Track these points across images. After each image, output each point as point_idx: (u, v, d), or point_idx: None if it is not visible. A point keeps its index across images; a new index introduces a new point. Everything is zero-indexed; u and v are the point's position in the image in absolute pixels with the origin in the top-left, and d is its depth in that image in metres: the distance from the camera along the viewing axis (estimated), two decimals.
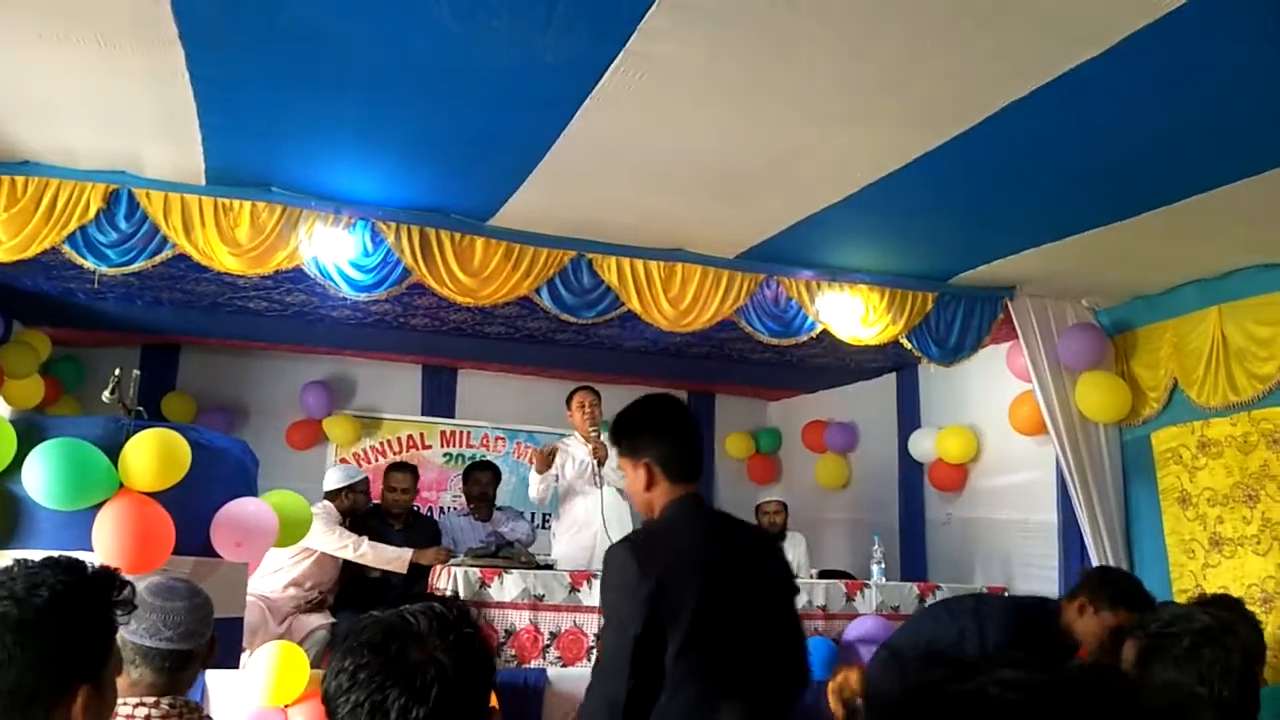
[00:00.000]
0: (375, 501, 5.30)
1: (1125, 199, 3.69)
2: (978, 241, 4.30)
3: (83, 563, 1.35)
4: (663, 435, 2.25)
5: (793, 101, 3.05)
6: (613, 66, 2.81)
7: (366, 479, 5.18)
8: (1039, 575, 5.17)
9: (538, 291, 4.34)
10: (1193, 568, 4.54)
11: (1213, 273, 4.45)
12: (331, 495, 4.90)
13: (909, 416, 6.34)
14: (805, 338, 4.70)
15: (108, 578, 1.36)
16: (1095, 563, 4.76)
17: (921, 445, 6.03)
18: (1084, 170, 3.46)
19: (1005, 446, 5.52)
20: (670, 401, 2.39)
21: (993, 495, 5.65)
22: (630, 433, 2.27)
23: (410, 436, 6.80)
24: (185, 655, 1.98)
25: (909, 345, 4.78)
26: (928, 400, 6.24)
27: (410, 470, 5.43)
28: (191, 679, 2.03)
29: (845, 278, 4.68)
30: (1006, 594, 4.74)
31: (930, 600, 4.63)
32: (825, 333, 4.68)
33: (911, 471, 6.24)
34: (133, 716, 1.86)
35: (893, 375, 6.55)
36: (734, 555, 2.24)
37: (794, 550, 5.68)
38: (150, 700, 1.90)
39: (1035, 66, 2.76)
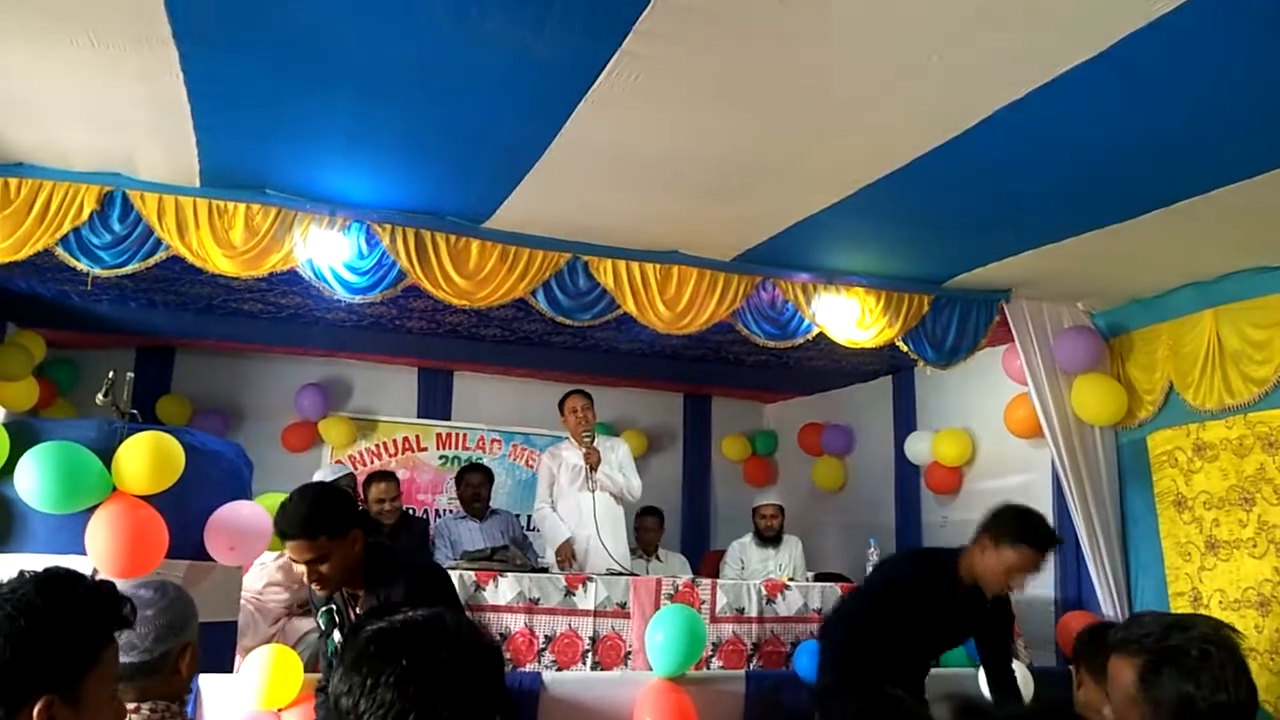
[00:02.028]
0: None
1: (1121, 201, 3.69)
2: (974, 244, 4.30)
3: (72, 577, 1.33)
4: (353, 507, 2.86)
5: (789, 103, 3.05)
6: (608, 67, 2.80)
7: (352, 475, 5.18)
8: (1035, 579, 5.15)
9: (533, 294, 4.33)
10: (1189, 570, 4.54)
11: (1209, 275, 4.45)
12: None
13: (905, 419, 6.34)
14: (801, 340, 4.70)
15: (95, 593, 1.34)
16: (1091, 566, 4.76)
17: (917, 448, 6.03)
18: (1080, 173, 3.46)
19: (1001, 449, 5.52)
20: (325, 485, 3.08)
21: (988, 498, 5.59)
22: (334, 518, 2.69)
23: (406, 438, 6.79)
24: (138, 666, 1.92)
25: (905, 348, 4.78)
26: (924, 403, 6.24)
27: (388, 477, 5.43)
28: (167, 681, 1.97)
29: (841, 280, 4.67)
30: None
31: None
32: (822, 335, 4.67)
33: (908, 474, 6.23)
34: None
35: (889, 378, 6.55)
36: None
37: (790, 553, 5.68)
38: (130, 706, 1.87)
39: (1030, 69, 2.76)
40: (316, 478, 5.03)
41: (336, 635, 2.72)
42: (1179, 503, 4.62)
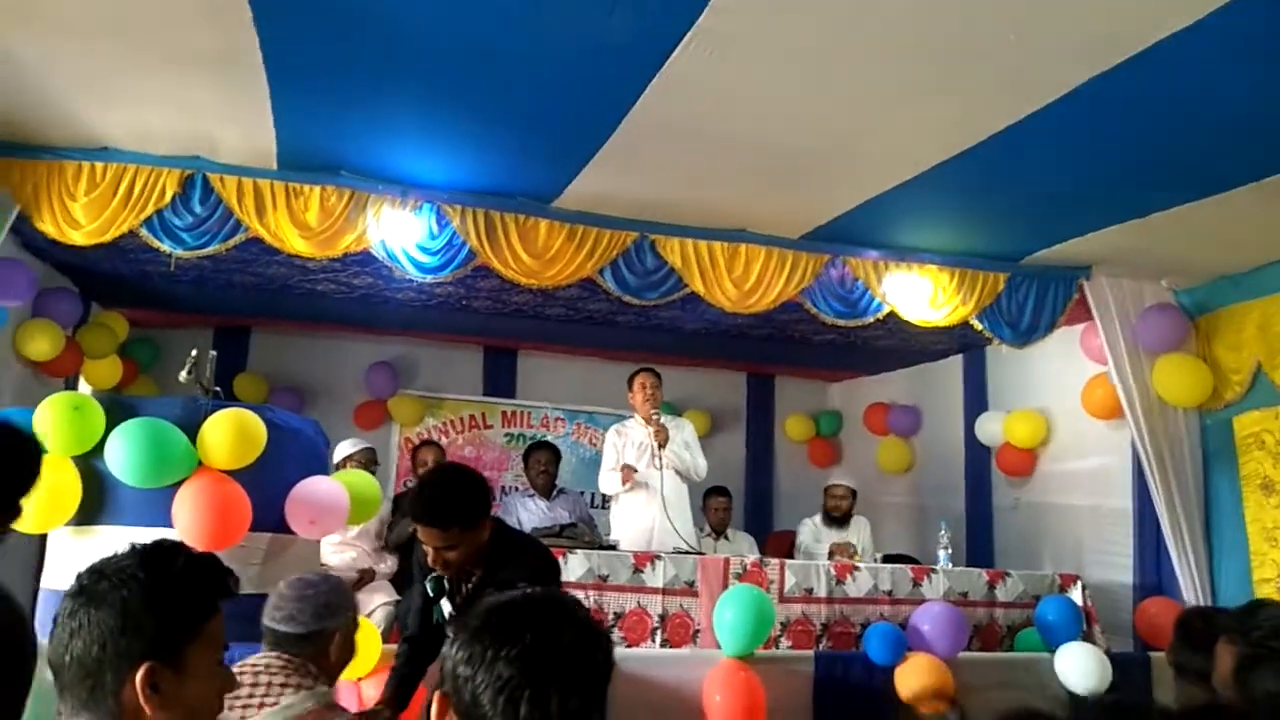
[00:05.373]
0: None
1: (1210, 175, 3.55)
2: (1053, 220, 4.18)
3: (173, 549, 1.38)
4: (487, 497, 2.69)
5: (864, 78, 2.99)
6: (682, 44, 2.77)
7: (371, 449, 5.37)
8: (1113, 563, 5.05)
9: (601, 273, 4.33)
10: (1275, 556, 4.39)
11: None
12: (338, 466, 5.03)
13: (975, 400, 6.21)
14: (872, 320, 4.63)
15: (195, 565, 1.38)
16: (1172, 551, 4.63)
17: (989, 429, 5.91)
18: (1168, 146, 3.33)
19: (1077, 431, 5.38)
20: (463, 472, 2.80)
21: (1064, 480, 5.52)
22: (469, 511, 2.60)
23: (472, 416, 6.88)
24: (293, 636, 2.22)
25: (980, 327, 4.68)
26: (996, 383, 6.11)
27: (436, 446, 5.67)
28: (315, 659, 2.23)
29: (913, 258, 4.59)
30: (1079, 582, 4.63)
31: (1000, 587, 4.54)
32: (892, 314, 4.60)
33: (978, 456, 6.12)
34: (255, 665, 2.15)
35: (959, 357, 6.42)
36: None
37: (859, 534, 5.63)
38: (273, 653, 2.19)
39: (1121, 39, 2.66)
40: (338, 454, 5.14)
41: (445, 604, 2.74)
42: (1266, 486, 4.47)
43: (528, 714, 1.04)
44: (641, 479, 4.95)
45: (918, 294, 4.57)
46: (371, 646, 3.30)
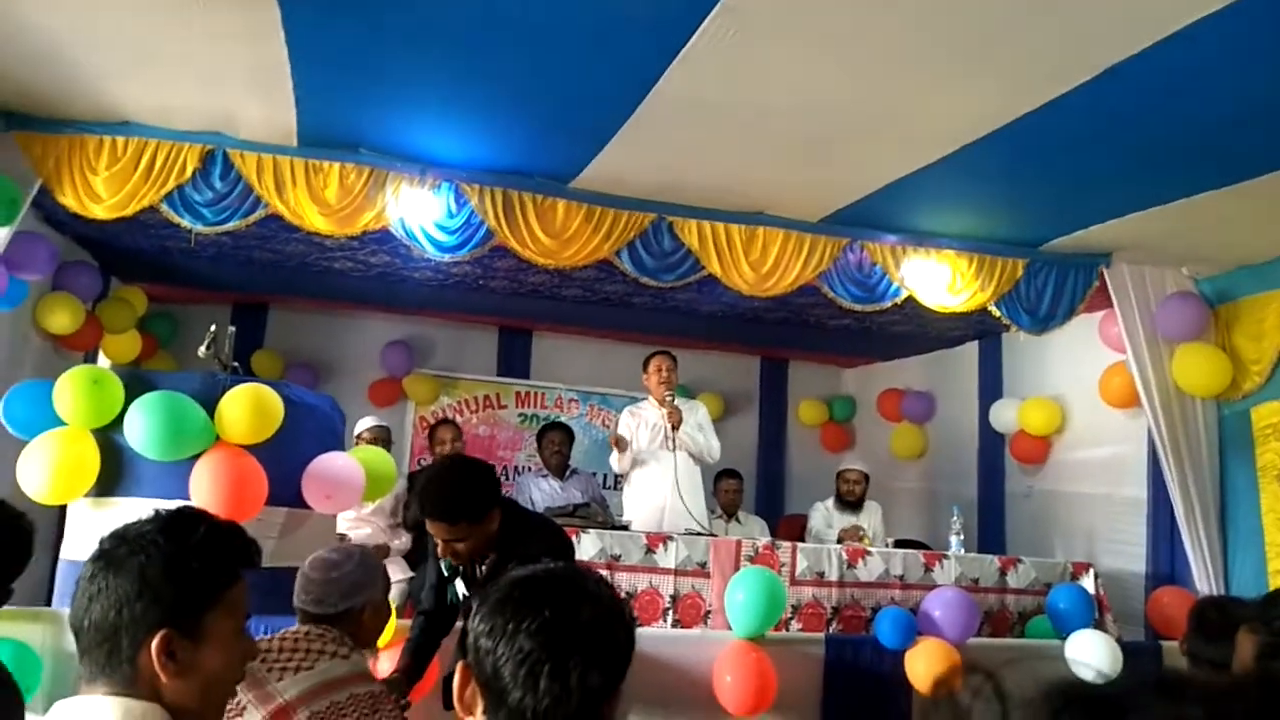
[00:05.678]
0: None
1: (1234, 163, 3.51)
2: (1074, 206, 4.15)
3: (195, 517, 1.37)
4: (495, 488, 2.72)
5: (887, 62, 2.97)
6: (705, 23, 2.75)
7: (386, 428, 5.44)
8: (1125, 551, 5.03)
9: (618, 254, 4.33)
10: None
11: None
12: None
13: (990, 386, 6.19)
14: (889, 304, 4.61)
15: (216, 533, 1.37)
16: (1186, 541, 4.61)
17: (1003, 416, 5.89)
18: (1191, 132, 3.30)
19: (1093, 419, 5.36)
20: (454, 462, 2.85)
21: (1078, 469, 5.50)
22: (476, 505, 2.63)
23: (486, 396, 6.90)
24: (320, 617, 2.27)
25: (998, 313, 4.66)
26: (1011, 370, 6.08)
27: (453, 425, 5.69)
28: (350, 632, 2.26)
29: (932, 243, 4.57)
30: (1091, 570, 4.62)
31: (1011, 574, 4.54)
32: (909, 299, 4.58)
33: (992, 443, 6.10)
34: (295, 633, 2.20)
35: (974, 344, 6.40)
36: None
37: (870, 519, 5.63)
38: (307, 626, 2.23)
39: (1145, 25, 2.63)
40: (358, 429, 5.17)
41: (460, 584, 2.76)
42: None
43: (547, 687, 1.05)
44: (654, 460, 4.96)
45: (936, 279, 4.56)
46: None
